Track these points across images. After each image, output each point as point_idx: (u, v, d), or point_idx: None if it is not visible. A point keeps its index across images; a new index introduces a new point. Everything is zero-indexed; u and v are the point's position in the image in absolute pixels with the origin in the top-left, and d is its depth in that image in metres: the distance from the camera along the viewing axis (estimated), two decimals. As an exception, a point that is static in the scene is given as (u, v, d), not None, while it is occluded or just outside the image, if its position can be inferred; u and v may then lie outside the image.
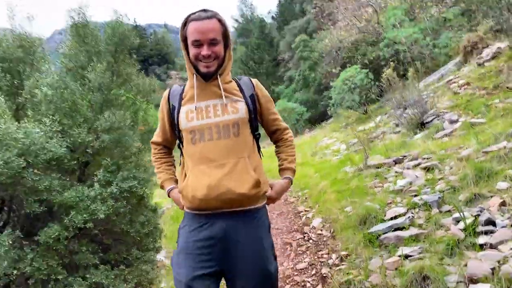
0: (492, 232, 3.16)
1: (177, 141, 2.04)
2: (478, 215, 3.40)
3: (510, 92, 7.21)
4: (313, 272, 3.79)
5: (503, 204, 3.49)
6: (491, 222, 3.27)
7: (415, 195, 4.38)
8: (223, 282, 1.93)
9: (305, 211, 5.83)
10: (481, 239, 3.12)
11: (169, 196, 2.04)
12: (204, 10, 1.80)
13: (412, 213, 3.99)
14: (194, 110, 1.84)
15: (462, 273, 2.76)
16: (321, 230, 4.72)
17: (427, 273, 2.87)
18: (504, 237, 3.03)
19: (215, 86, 1.85)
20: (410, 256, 3.23)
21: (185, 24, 1.81)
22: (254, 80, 2.02)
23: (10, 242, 3.68)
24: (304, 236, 4.80)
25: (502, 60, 9.01)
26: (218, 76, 1.85)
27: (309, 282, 3.63)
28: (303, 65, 27.81)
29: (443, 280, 2.77)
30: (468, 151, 4.94)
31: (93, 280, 4.23)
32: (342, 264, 3.63)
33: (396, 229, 3.72)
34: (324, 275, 3.61)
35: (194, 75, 1.84)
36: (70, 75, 5.03)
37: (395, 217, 3.99)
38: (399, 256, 3.26)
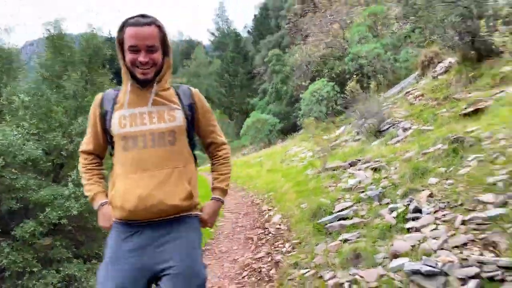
0: (418, 218, 3.69)
1: (109, 149, 1.95)
2: (408, 204, 3.93)
3: (455, 102, 7.93)
4: (269, 259, 4.24)
5: (430, 195, 4.04)
6: (418, 210, 3.80)
7: (362, 192, 4.91)
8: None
9: (268, 210, 6.29)
10: (409, 224, 3.64)
11: (98, 210, 1.90)
12: (143, 16, 1.76)
13: (356, 206, 4.51)
14: (127, 116, 1.77)
15: (389, 251, 3.27)
16: (280, 225, 5.18)
17: (360, 252, 3.36)
18: (427, 222, 3.57)
19: (151, 93, 1.81)
20: (349, 240, 3.72)
21: (122, 28, 1.76)
22: (194, 89, 1.99)
23: (-11, 235, 3.99)
24: (265, 231, 5.25)
25: (452, 74, 9.81)
26: (155, 83, 1.82)
27: (264, 267, 4.07)
28: (276, 78, 28.60)
29: (373, 257, 3.27)
30: (411, 154, 5.53)
31: (66, 272, 4.54)
32: (294, 251, 4.09)
33: (340, 219, 4.22)
34: (277, 261, 4.06)
35: (130, 81, 1.80)
36: (46, 83, 5.38)
37: (342, 210, 4.49)
38: (340, 240, 3.75)
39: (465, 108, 7.04)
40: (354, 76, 12.78)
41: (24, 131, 4.41)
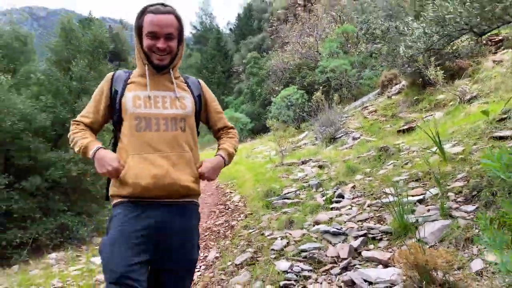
0: (340, 201, 4.97)
1: (108, 126, 1.96)
2: (335, 192, 5.22)
3: (398, 120, 9.39)
4: (226, 225, 5.42)
5: (353, 187, 5.34)
6: (342, 196, 5.09)
7: (306, 182, 6.18)
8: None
9: (230, 192, 7.48)
10: (332, 205, 4.92)
11: (94, 156, 1.81)
12: (163, 5, 1.83)
13: (299, 191, 5.77)
14: (142, 98, 1.83)
15: (314, 220, 4.52)
16: (238, 203, 6.38)
17: (294, 220, 4.60)
18: (346, 204, 4.84)
19: (165, 79, 1.90)
20: (288, 212, 4.96)
21: (142, 14, 1.84)
22: (201, 81, 2.10)
23: (6, 182, 4.94)
24: (225, 207, 6.43)
25: (402, 95, 11.34)
26: (171, 70, 1.91)
27: (221, 230, 5.25)
28: (252, 80, 29.79)
29: (302, 224, 4.51)
30: (350, 157, 6.86)
31: (61, 221, 5.57)
32: (246, 219, 5.30)
33: (284, 199, 5.47)
34: (233, 225, 5.25)
35: (146, 65, 1.87)
36: (55, 66, 6.34)
37: (287, 193, 5.75)
38: (281, 212, 4.99)
39: (402, 126, 8.48)
40: (321, 87, 14.16)
41: (42, 103, 5.40)
